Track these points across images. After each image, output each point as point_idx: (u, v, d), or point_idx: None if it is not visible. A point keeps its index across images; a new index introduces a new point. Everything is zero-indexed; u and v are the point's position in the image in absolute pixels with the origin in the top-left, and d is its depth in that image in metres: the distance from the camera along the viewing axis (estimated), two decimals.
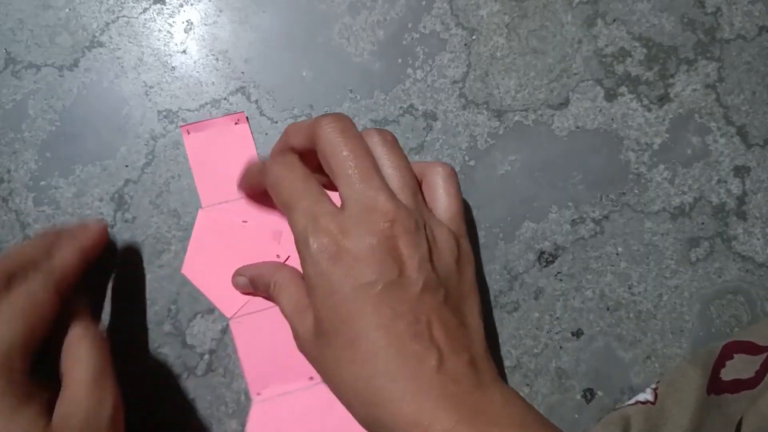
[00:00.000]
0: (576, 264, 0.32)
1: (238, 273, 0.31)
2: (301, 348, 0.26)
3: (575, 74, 0.34)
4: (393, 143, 0.26)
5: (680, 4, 0.35)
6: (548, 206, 0.33)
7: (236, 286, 0.31)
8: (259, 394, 0.30)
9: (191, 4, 0.35)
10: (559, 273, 0.32)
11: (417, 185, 0.26)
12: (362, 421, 0.24)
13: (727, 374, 0.28)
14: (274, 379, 0.30)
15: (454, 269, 0.25)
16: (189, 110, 0.34)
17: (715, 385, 0.28)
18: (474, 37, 0.35)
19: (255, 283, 0.30)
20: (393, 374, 0.22)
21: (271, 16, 0.35)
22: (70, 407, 0.25)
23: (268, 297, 0.29)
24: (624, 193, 0.33)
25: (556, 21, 0.35)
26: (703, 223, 0.32)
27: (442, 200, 0.27)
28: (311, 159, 0.27)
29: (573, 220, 0.33)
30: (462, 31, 0.35)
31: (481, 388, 0.23)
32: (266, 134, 0.34)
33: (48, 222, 0.33)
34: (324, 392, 0.29)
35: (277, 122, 0.34)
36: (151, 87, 0.34)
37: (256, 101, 0.34)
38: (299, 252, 0.25)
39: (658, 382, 0.30)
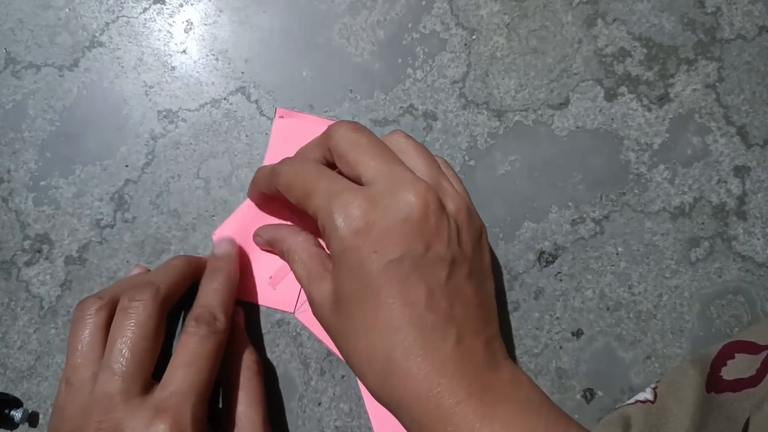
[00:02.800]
0: (576, 264, 0.32)
1: (257, 233, 0.31)
2: (316, 313, 0.27)
3: (575, 74, 0.34)
4: (412, 138, 0.27)
5: (680, 4, 0.35)
6: (548, 206, 0.33)
7: (257, 243, 0.32)
8: None
9: (191, 4, 0.35)
10: (559, 273, 0.32)
11: (439, 165, 0.26)
12: (374, 390, 0.24)
13: (729, 373, 0.28)
14: None
15: (477, 247, 0.26)
16: (189, 110, 0.34)
17: (716, 384, 0.28)
18: (474, 37, 0.35)
19: (271, 245, 0.31)
20: (412, 349, 0.23)
21: (271, 16, 0.35)
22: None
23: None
24: (624, 193, 0.33)
25: (556, 21, 0.35)
26: (703, 223, 0.32)
27: (453, 181, 0.27)
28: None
29: (573, 220, 0.33)
30: (462, 31, 0.35)
31: (494, 366, 0.24)
32: (266, 134, 0.34)
33: (48, 222, 0.33)
34: None
35: None
36: (151, 87, 0.34)
37: (256, 101, 0.34)
38: (323, 230, 0.25)
39: (658, 381, 0.30)
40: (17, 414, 0.30)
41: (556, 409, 0.23)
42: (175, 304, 0.29)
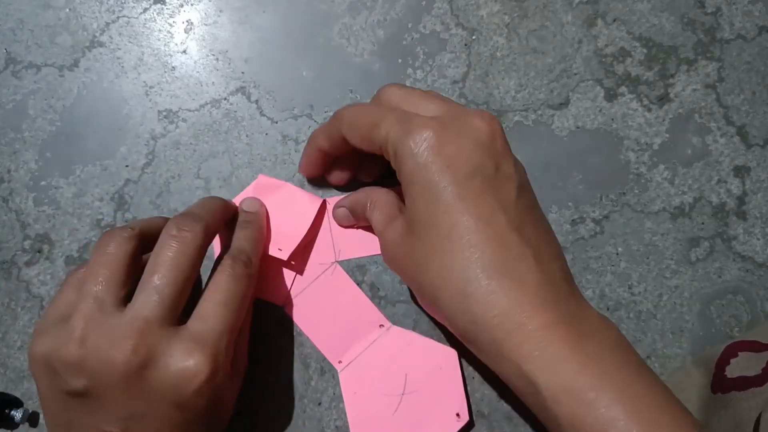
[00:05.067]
0: (576, 264, 0.32)
1: (337, 206, 0.31)
2: (388, 254, 0.27)
3: (575, 74, 0.34)
4: (409, 87, 0.28)
5: (680, 4, 0.35)
6: (548, 206, 0.33)
7: (338, 219, 0.31)
8: (340, 362, 0.30)
9: (191, 4, 0.35)
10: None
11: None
12: (449, 313, 0.23)
13: (733, 372, 0.28)
14: (348, 343, 0.30)
15: (528, 181, 0.26)
16: (189, 110, 0.34)
17: (721, 384, 0.28)
18: (474, 37, 0.35)
19: (354, 209, 0.30)
20: (490, 266, 0.22)
21: (271, 16, 0.35)
22: (236, 374, 0.26)
23: (367, 222, 0.30)
24: (624, 193, 0.33)
25: (556, 21, 0.35)
26: (703, 223, 0.32)
27: None
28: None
29: (573, 220, 0.33)
30: (462, 31, 0.35)
31: (575, 297, 0.23)
32: (266, 134, 0.34)
33: (48, 222, 0.33)
34: (398, 333, 0.30)
35: (277, 122, 0.34)
36: (151, 87, 0.34)
37: (256, 101, 0.34)
38: (395, 154, 0.25)
39: None
40: (17, 414, 0.30)
41: (641, 360, 0.23)
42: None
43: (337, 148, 0.29)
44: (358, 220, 0.31)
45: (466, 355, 0.30)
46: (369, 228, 0.31)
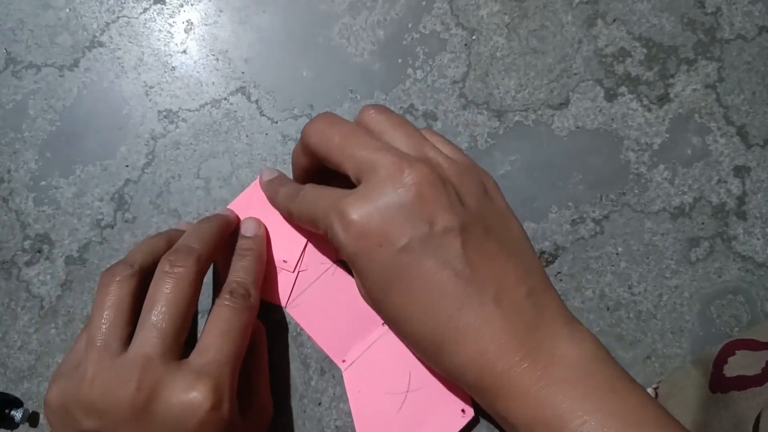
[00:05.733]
0: (576, 264, 0.32)
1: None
2: (365, 299, 0.27)
3: (575, 74, 0.34)
4: (387, 109, 0.26)
5: (680, 4, 0.35)
6: (548, 206, 0.33)
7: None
8: (344, 361, 0.30)
9: (191, 4, 0.35)
10: (559, 273, 0.32)
11: (422, 135, 0.26)
12: (434, 366, 0.25)
13: (731, 370, 0.28)
14: (351, 342, 0.30)
15: (485, 199, 0.25)
16: (189, 110, 0.34)
17: (720, 383, 0.28)
18: (474, 37, 0.35)
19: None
20: (451, 325, 0.23)
21: (271, 16, 0.35)
22: (255, 417, 0.27)
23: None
24: (624, 193, 0.33)
25: (556, 21, 0.35)
26: (703, 223, 0.32)
27: (440, 145, 0.26)
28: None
29: (573, 220, 0.33)
30: (462, 31, 0.35)
31: (544, 321, 0.23)
32: (266, 134, 0.34)
33: (48, 222, 0.33)
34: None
35: (277, 122, 0.34)
36: (151, 87, 0.34)
37: (257, 101, 0.34)
38: (331, 240, 0.25)
39: (659, 381, 0.30)
40: (17, 414, 0.30)
41: (617, 368, 0.23)
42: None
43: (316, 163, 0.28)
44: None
45: None
46: None
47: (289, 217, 0.29)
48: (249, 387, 0.27)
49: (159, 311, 0.24)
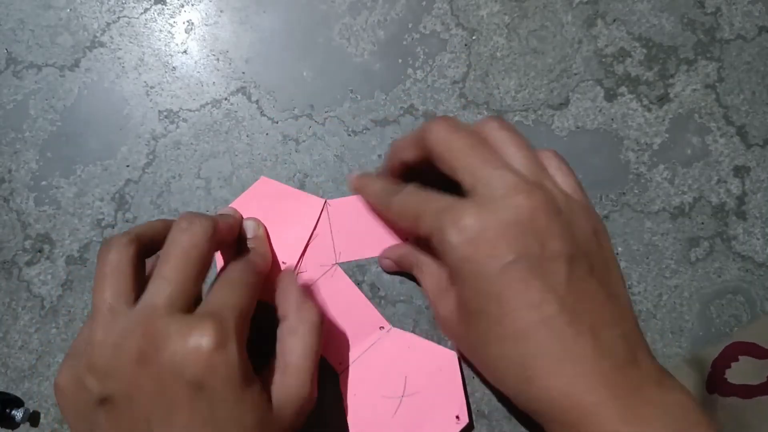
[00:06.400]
0: None
1: (383, 256, 0.31)
2: (445, 328, 0.27)
3: (575, 74, 0.34)
4: (510, 126, 0.26)
5: (680, 4, 0.35)
6: None
7: (384, 266, 0.32)
8: (340, 363, 0.30)
9: (192, 5, 0.35)
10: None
11: (541, 162, 0.26)
12: (514, 398, 0.24)
13: (734, 377, 0.28)
14: (348, 345, 0.30)
15: (593, 240, 0.25)
16: (190, 110, 0.34)
17: (720, 386, 0.28)
18: (474, 38, 0.35)
19: (400, 263, 0.31)
20: (544, 352, 0.22)
21: (272, 16, 0.35)
22: (289, 394, 0.25)
23: (413, 273, 0.30)
24: (624, 193, 0.33)
25: (556, 21, 0.35)
26: (702, 223, 0.33)
27: (559, 175, 0.26)
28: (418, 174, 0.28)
29: None
30: (462, 31, 0.35)
31: (635, 364, 0.23)
32: (267, 134, 0.34)
33: (49, 222, 0.33)
34: (398, 335, 0.30)
35: (277, 122, 0.34)
36: (152, 87, 0.34)
37: (257, 101, 0.34)
38: (440, 248, 0.24)
39: None
40: (18, 413, 0.30)
41: (704, 415, 0.22)
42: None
43: (418, 164, 0.28)
44: (402, 269, 0.31)
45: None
46: (370, 230, 0.31)
47: (386, 212, 0.28)
48: (287, 366, 0.26)
49: (171, 264, 0.24)
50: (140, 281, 0.25)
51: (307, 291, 0.30)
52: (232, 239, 0.29)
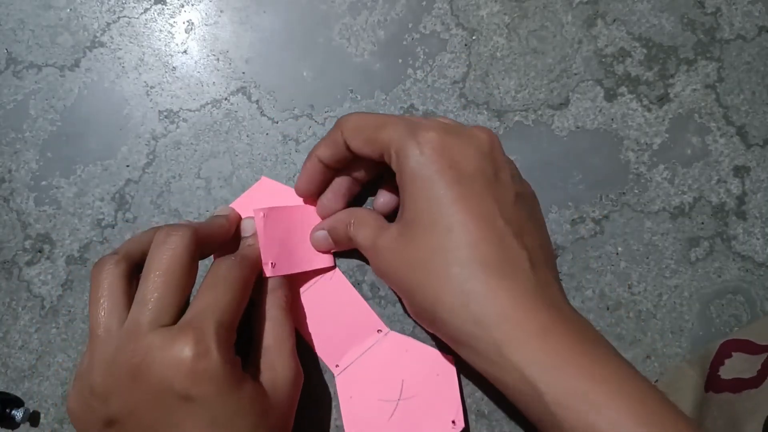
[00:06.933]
0: (576, 264, 0.32)
1: (315, 229, 0.30)
2: (382, 263, 0.27)
3: (575, 74, 0.34)
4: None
5: (680, 4, 0.35)
6: (548, 206, 0.33)
7: (315, 243, 0.31)
8: (337, 365, 0.30)
9: (192, 5, 0.35)
10: (559, 273, 0.32)
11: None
12: (448, 317, 0.24)
13: (727, 373, 0.28)
14: (345, 347, 0.30)
15: (532, 197, 0.28)
16: (190, 110, 0.34)
17: (714, 383, 0.28)
18: (474, 38, 0.35)
19: (335, 229, 0.30)
20: (490, 265, 0.23)
21: (272, 16, 0.35)
22: (276, 377, 0.26)
23: (347, 244, 0.29)
24: (624, 193, 0.33)
25: (556, 21, 0.35)
26: (702, 223, 0.33)
27: None
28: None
29: (573, 220, 0.33)
30: (462, 31, 0.35)
31: (567, 302, 0.25)
32: (267, 134, 0.34)
33: (49, 222, 0.33)
34: (395, 338, 0.30)
35: (277, 122, 0.34)
36: (152, 87, 0.34)
37: (257, 101, 0.34)
38: (398, 155, 0.25)
39: (656, 381, 0.30)
40: (18, 413, 0.30)
41: (599, 333, 0.25)
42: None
43: (337, 157, 0.28)
44: (337, 243, 0.30)
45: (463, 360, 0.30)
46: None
47: (342, 128, 0.27)
48: (266, 349, 0.27)
49: (152, 279, 0.24)
50: (132, 298, 0.25)
51: (290, 282, 0.30)
52: (224, 240, 0.29)
